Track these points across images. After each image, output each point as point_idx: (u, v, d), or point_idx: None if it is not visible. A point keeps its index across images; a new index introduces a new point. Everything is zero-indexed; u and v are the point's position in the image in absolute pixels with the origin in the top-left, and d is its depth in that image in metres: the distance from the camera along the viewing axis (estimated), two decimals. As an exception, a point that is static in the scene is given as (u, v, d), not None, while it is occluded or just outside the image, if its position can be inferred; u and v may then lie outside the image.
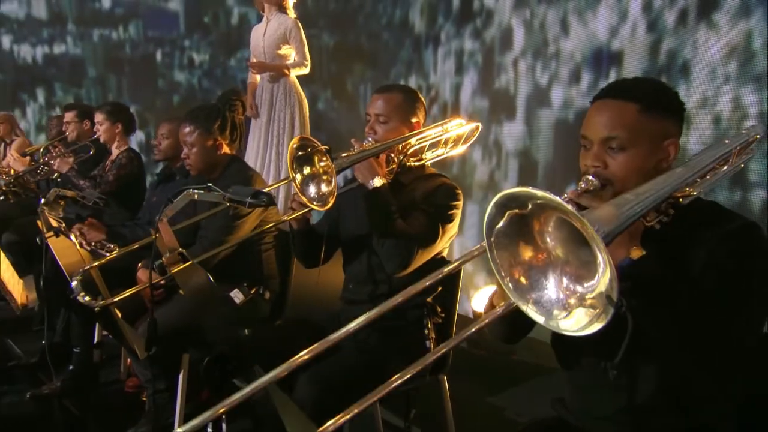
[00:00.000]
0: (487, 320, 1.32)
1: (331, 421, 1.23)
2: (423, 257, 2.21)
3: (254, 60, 4.54)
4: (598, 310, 1.08)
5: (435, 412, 2.45)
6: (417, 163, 2.41)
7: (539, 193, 1.08)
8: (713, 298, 1.28)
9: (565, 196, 1.24)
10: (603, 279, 1.07)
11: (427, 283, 1.41)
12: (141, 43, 6.61)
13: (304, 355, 1.30)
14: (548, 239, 1.17)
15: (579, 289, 1.14)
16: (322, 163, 2.13)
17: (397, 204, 2.23)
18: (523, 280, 1.17)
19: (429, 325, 2.36)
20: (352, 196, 2.26)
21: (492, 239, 1.16)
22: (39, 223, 2.64)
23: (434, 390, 2.42)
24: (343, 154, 2.15)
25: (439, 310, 2.38)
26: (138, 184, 3.96)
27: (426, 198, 2.30)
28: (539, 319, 1.13)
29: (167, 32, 6.57)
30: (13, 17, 6.53)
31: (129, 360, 3.19)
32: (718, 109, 3.19)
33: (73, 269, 2.35)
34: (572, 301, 1.14)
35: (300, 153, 2.12)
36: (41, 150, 4.45)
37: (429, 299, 2.35)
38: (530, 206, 1.12)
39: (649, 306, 1.22)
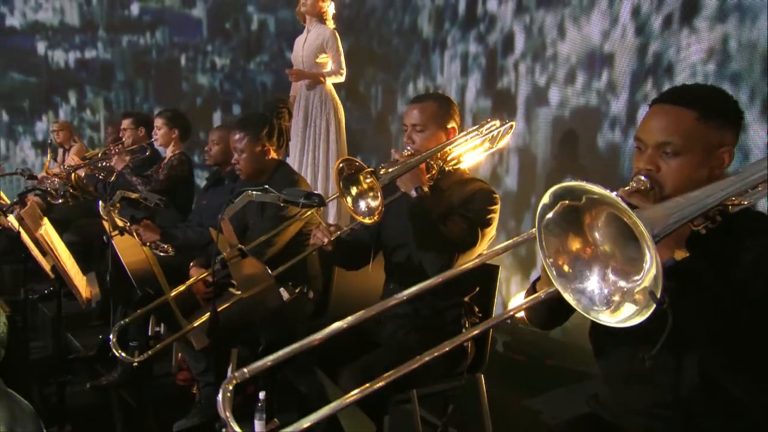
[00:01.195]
0: (529, 302, 1.36)
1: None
2: (463, 260, 2.21)
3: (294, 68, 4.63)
4: (639, 305, 1.08)
5: (472, 413, 2.44)
6: (455, 168, 2.41)
7: (596, 188, 1.08)
8: (759, 304, 1.27)
9: (616, 193, 1.20)
10: (648, 276, 1.07)
11: (470, 266, 1.44)
12: (166, 48, 6.74)
13: (343, 324, 1.30)
14: (597, 233, 1.16)
15: (622, 284, 1.14)
16: (368, 180, 2.15)
17: (437, 209, 2.24)
18: (567, 268, 1.18)
19: (467, 325, 2.36)
20: (393, 202, 2.26)
21: (543, 226, 1.16)
22: (105, 223, 2.67)
23: (471, 391, 2.42)
24: (389, 170, 2.18)
25: (477, 310, 2.39)
26: (187, 187, 4.08)
27: (464, 203, 2.29)
28: (579, 307, 1.15)
29: (191, 38, 6.70)
30: (48, 24, 6.70)
31: (180, 355, 3.26)
32: None
33: (136, 267, 2.45)
34: (615, 295, 1.14)
35: (345, 173, 2.14)
36: (99, 154, 4.57)
37: (467, 299, 2.37)
38: (584, 200, 1.12)
39: (689, 306, 1.21)
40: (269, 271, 2.19)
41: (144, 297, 2.41)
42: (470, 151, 2.41)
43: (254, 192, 2.19)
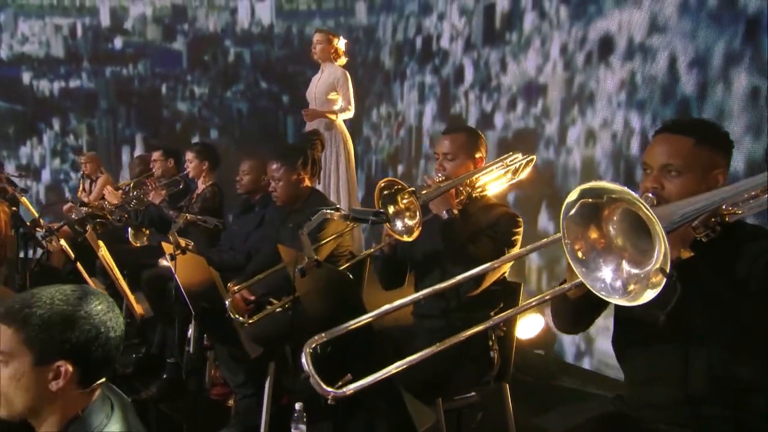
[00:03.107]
0: (552, 293, 1.49)
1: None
2: (491, 278, 2.30)
3: (309, 107, 4.77)
4: (652, 284, 1.19)
5: (494, 424, 2.51)
6: (481, 195, 2.48)
7: (616, 186, 1.20)
8: (755, 299, 1.39)
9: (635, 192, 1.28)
10: (659, 256, 1.16)
11: (497, 265, 1.61)
12: (148, 78, 6.94)
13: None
14: (611, 228, 1.27)
15: (635, 270, 1.23)
16: (405, 201, 2.21)
17: (465, 231, 2.30)
18: (587, 258, 1.27)
19: (493, 337, 2.41)
20: (424, 224, 2.26)
21: (567, 220, 1.27)
22: (167, 243, 2.67)
23: (495, 401, 2.48)
24: (423, 192, 2.27)
25: (502, 324, 2.42)
26: (219, 215, 4.06)
27: (491, 225, 2.36)
28: (600, 293, 1.25)
29: (172, 69, 6.92)
30: (34, 56, 6.91)
31: (213, 371, 3.27)
32: (614, 128, 3.82)
33: (193, 284, 2.51)
34: (631, 281, 1.23)
35: (385, 192, 2.21)
36: (131, 185, 4.74)
37: (492, 313, 2.39)
38: (605, 198, 1.23)
39: (694, 301, 1.32)
40: (350, 275, 2.15)
41: (203, 310, 2.47)
42: (495, 181, 2.49)
43: (328, 210, 2.28)
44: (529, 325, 3.59)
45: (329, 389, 1.37)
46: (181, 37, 6.93)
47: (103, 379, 1.38)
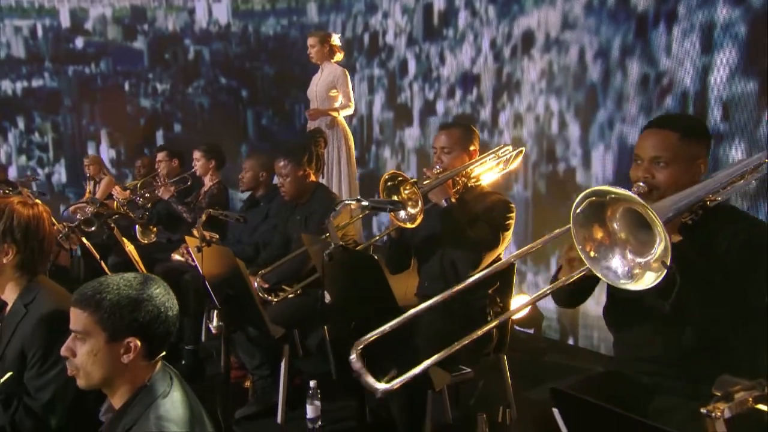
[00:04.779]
0: (560, 283, 1.59)
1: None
2: (488, 258, 2.44)
3: (312, 107, 4.82)
4: (654, 272, 1.29)
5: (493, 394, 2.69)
6: (476, 184, 2.60)
7: (618, 189, 1.31)
8: (735, 273, 1.53)
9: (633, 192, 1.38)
10: (659, 249, 1.27)
11: (512, 260, 1.79)
12: (110, 75, 7.10)
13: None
14: (615, 224, 1.37)
15: (638, 259, 1.34)
16: (407, 191, 2.32)
17: (463, 217, 2.41)
18: (594, 252, 1.37)
19: (491, 312, 2.54)
20: (424, 212, 2.36)
21: (575, 219, 1.36)
22: (193, 236, 2.73)
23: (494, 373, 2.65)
24: (424, 183, 2.40)
25: (498, 300, 2.58)
26: (225, 210, 3.94)
27: (487, 211, 2.48)
28: (607, 279, 1.37)
29: (133, 67, 7.07)
30: None
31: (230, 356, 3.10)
32: (537, 112, 4.30)
33: (219, 274, 2.58)
34: (635, 269, 1.33)
35: (389, 183, 2.32)
36: (138, 185, 4.92)
37: (490, 292, 2.53)
38: (608, 198, 1.33)
39: (684, 277, 1.41)
40: (375, 257, 2.22)
41: (227, 298, 2.57)
42: (488, 171, 2.64)
43: (349, 202, 2.48)
44: (518, 302, 3.70)
45: (379, 385, 1.44)
46: (141, 37, 7.10)
47: (164, 353, 1.53)
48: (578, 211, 1.36)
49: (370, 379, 1.38)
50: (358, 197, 2.54)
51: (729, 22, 3.23)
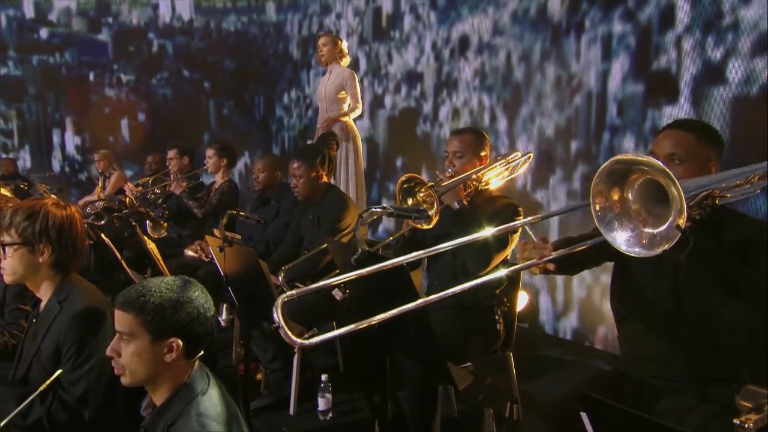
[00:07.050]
0: (568, 251, 1.65)
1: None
2: (498, 259, 2.46)
3: (321, 108, 4.82)
4: (666, 238, 1.32)
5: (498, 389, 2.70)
6: (486, 188, 2.63)
7: (644, 158, 1.33)
8: (738, 263, 1.55)
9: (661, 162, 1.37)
10: (675, 213, 1.29)
11: (527, 226, 1.69)
12: (75, 66, 7.24)
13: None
14: (630, 195, 1.41)
15: (651, 230, 1.38)
16: (422, 194, 2.35)
17: (474, 218, 2.43)
18: (611, 217, 1.41)
19: (498, 312, 2.57)
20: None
21: (595, 187, 1.40)
22: (213, 234, 2.74)
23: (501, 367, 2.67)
24: (443, 184, 2.42)
25: (505, 299, 2.61)
26: (235, 207, 4.24)
27: (496, 214, 2.49)
28: (621, 247, 1.40)
29: (98, 58, 7.23)
30: None
31: (239, 349, 3.31)
32: (471, 106, 4.72)
33: (241, 272, 2.55)
34: (646, 238, 1.37)
35: (405, 186, 2.36)
36: (149, 181, 4.94)
37: (497, 291, 2.56)
38: (633, 168, 1.37)
39: (690, 263, 1.45)
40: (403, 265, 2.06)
41: (245, 296, 2.57)
42: (497, 176, 2.67)
43: (377, 209, 2.37)
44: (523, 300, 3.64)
45: (297, 339, 1.47)
46: (106, 29, 7.26)
47: (203, 352, 1.57)
48: (600, 178, 1.42)
49: (290, 334, 1.42)
50: (384, 205, 2.61)
51: (623, 34, 3.83)
